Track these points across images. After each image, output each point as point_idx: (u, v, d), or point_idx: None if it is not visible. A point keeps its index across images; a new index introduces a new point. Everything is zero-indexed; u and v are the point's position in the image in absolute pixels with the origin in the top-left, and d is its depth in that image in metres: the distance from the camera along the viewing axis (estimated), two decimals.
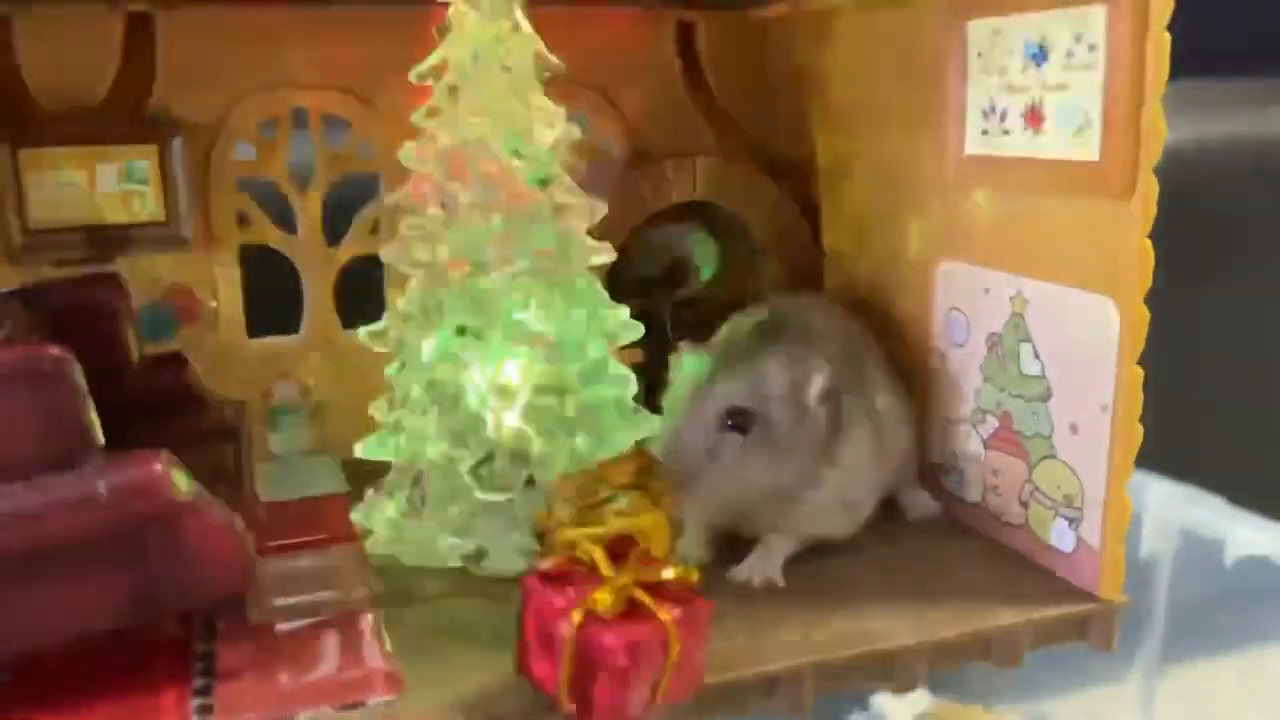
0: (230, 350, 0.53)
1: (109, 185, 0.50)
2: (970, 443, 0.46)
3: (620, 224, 0.53)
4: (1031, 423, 0.42)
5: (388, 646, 0.36)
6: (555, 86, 0.53)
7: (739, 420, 0.40)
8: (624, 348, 0.48)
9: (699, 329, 0.53)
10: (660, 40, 0.57)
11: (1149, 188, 0.37)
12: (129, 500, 0.31)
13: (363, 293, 0.56)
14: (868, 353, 0.47)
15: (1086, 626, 0.40)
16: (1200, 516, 0.89)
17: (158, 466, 0.31)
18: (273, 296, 0.54)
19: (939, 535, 0.46)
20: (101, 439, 0.31)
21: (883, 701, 1.03)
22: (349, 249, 0.55)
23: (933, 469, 0.48)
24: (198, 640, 0.36)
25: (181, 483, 0.32)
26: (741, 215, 0.55)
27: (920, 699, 1.04)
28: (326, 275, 0.55)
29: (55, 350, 0.30)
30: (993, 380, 0.44)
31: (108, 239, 0.50)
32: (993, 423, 0.45)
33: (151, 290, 0.52)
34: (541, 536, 0.34)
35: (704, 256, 0.60)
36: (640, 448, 0.38)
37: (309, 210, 0.54)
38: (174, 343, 0.52)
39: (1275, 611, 0.85)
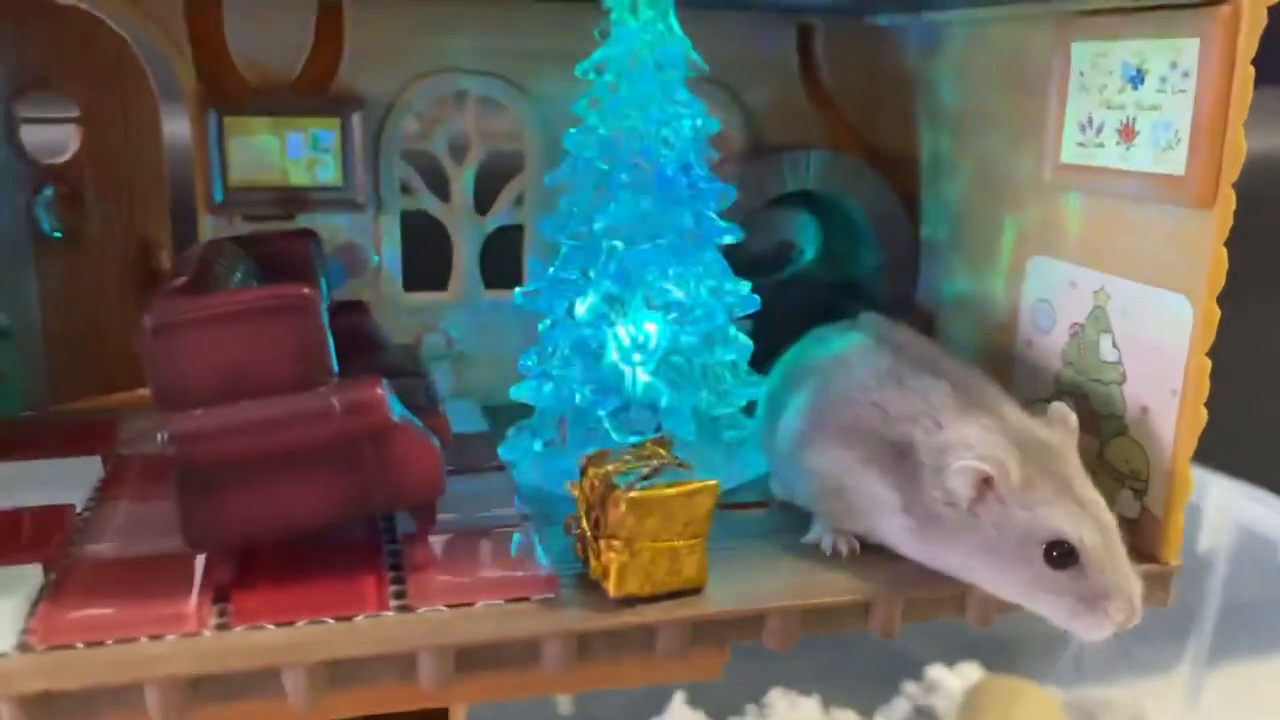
0: (389, 300, 0.60)
1: (297, 152, 0.57)
2: None
3: (738, 207, 0.59)
4: (1105, 404, 0.48)
5: (543, 556, 0.42)
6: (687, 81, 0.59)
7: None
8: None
9: (799, 305, 0.59)
10: (782, 42, 0.63)
11: (1228, 200, 0.42)
12: (355, 416, 0.38)
13: (502, 257, 0.62)
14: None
15: (1147, 585, 0.46)
16: (1259, 514, 0.93)
17: (379, 390, 0.38)
18: (426, 256, 0.61)
19: None
20: (336, 366, 0.38)
21: (936, 672, 1.09)
22: (495, 218, 0.61)
23: None
24: (384, 543, 0.43)
25: (395, 405, 0.39)
26: (846, 204, 0.61)
27: (971, 671, 1.09)
28: (474, 240, 0.61)
29: (307, 289, 0.37)
30: (1074, 365, 0.50)
31: (292, 198, 0.57)
32: (1070, 403, 0.50)
33: (326, 245, 0.59)
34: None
35: (808, 240, 0.66)
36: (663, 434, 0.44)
37: (462, 182, 0.61)
38: (343, 292, 0.59)
39: None
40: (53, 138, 0.58)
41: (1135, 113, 0.45)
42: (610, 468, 0.41)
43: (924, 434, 0.43)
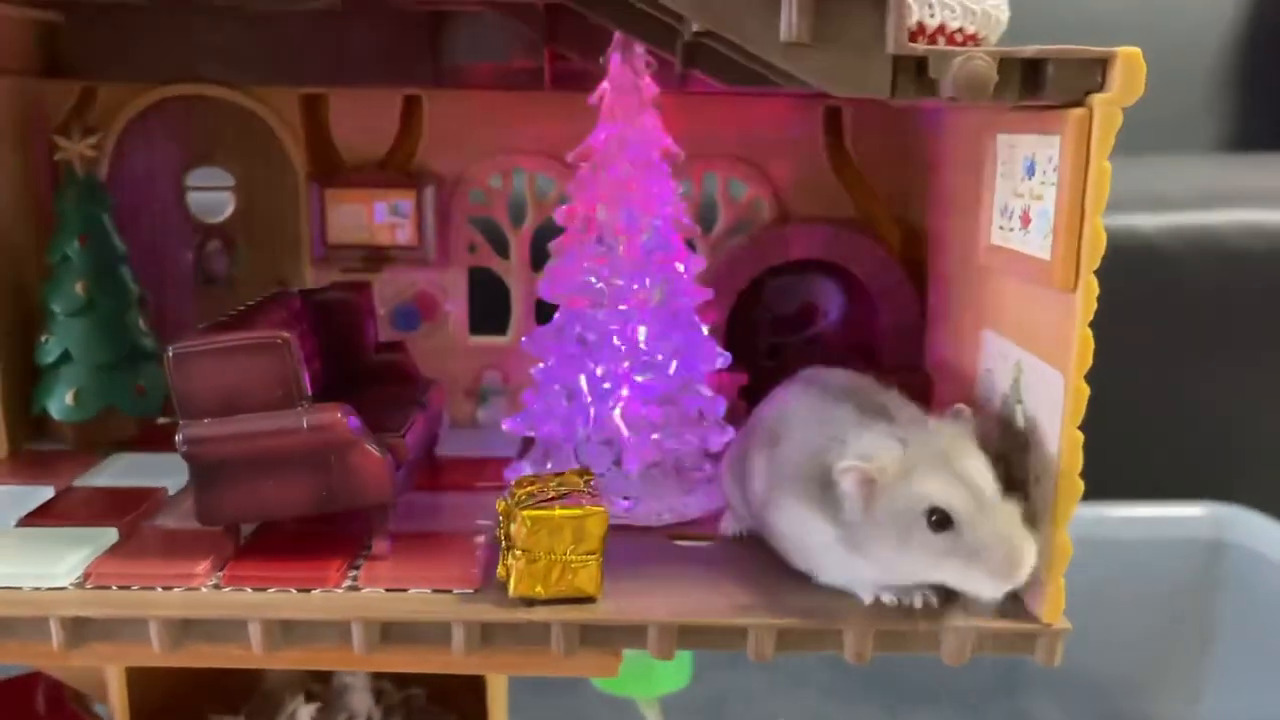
0: (456, 342, 0.72)
1: (381, 217, 0.69)
2: None
3: (746, 272, 0.66)
4: (1019, 471, 0.51)
5: (478, 556, 0.51)
6: (715, 159, 0.67)
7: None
8: (730, 370, 0.61)
9: (820, 364, 0.65)
10: (809, 122, 0.69)
11: (1089, 286, 0.45)
12: (319, 432, 0.48)
13: (553, 308, 0.72)
14: None
15: (1033, 643, 0.49)
16: None
17: (339, 414, 0.49)
18: (489, 305, 0.73)
19: None
20: (309, 392, 0.49)
21: None
22: None
23: None
24: (366, 537, 0.54)
25: (353, 425, 0.49)
26: (855, 272, 0.66)
27: None
28: (529, 293, 0.72)
29: (285, 333, 0.48)
30: (1003, 432, 0.53)
31: (377, 255, 0.70)
32: (1002, 468, 0.53)
33: (404, 294, 0.71)
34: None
35: (830, 303, 0.71)
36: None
37: (520, 243, 0.71)
38: (418, 335, 0.71)
39: None
40: (214, 202, 0.74)
41: (1030, 201, 0.48)
42: (527, 489, 0.49)
43: (834, 456, 0.48)
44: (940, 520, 0.45)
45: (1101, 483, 1.07)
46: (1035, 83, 0.44)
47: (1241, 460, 1.14)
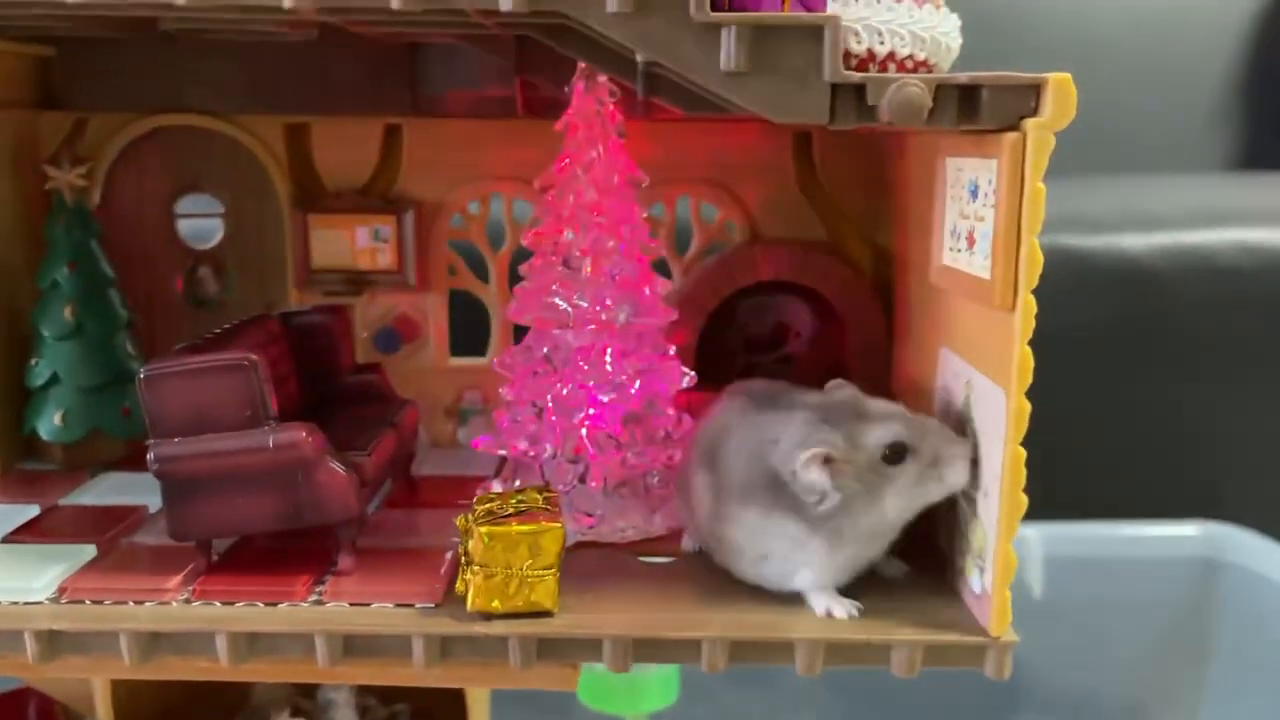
0: (436, 363, 0.73)
1: (363, 242, 0.71)
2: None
3: (716, 292, 0.68)
4: (970, 488, 0.52)
5: (443, 572, 0.52)
6: (688, 183, 0.69)
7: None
8: (699, 390, 0.62)
9: (794, 383, 0.66)
10: (779, 148, 0.71)
11: (1028, 305, 0.46)
12: (285, 451, 0.50)
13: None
14: None
15: (983, 656, 0.49)
16: None
17: (304, 433, 0.50)
18: (469, 327, 0.74)
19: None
20: (276, 411, 0.51)
21: None
22: None
23: None
24: (335, 553, 0.55)
25: (318, 444, 0.51)
26: (823, 293, 0.67)
27: None
28: (508, 315, 0.73)
29: (252, 355, 0.50)
30: None
31: (358, 279, 0.71)
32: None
33: (385, 317, 0.73)
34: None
35: (802, 323, 0.72)
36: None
37: (498, 266, 0.73)
38: (399, 356, 0.73)
39: None
40: (204, 228, 0.76)
41: (974, 223, 0.49)
42: (487, 506, 0.51)
43: (776, 458, 0.50)
44: (897, 451, 0.49)
45: (1095, 502, 1.08)
46: (972, 108, 0.46)
47: (1236, 478, 1.13)
